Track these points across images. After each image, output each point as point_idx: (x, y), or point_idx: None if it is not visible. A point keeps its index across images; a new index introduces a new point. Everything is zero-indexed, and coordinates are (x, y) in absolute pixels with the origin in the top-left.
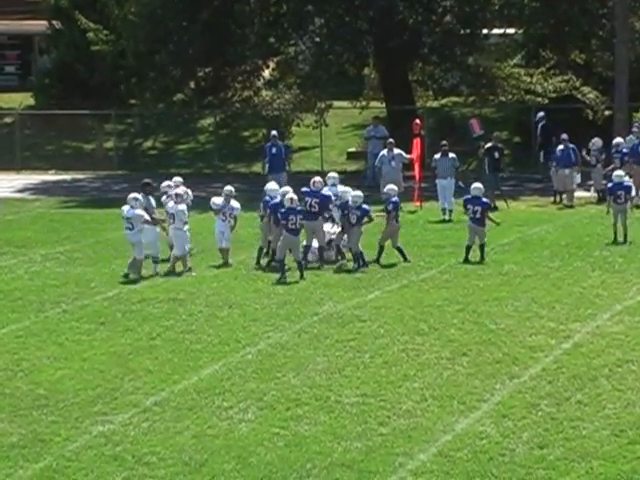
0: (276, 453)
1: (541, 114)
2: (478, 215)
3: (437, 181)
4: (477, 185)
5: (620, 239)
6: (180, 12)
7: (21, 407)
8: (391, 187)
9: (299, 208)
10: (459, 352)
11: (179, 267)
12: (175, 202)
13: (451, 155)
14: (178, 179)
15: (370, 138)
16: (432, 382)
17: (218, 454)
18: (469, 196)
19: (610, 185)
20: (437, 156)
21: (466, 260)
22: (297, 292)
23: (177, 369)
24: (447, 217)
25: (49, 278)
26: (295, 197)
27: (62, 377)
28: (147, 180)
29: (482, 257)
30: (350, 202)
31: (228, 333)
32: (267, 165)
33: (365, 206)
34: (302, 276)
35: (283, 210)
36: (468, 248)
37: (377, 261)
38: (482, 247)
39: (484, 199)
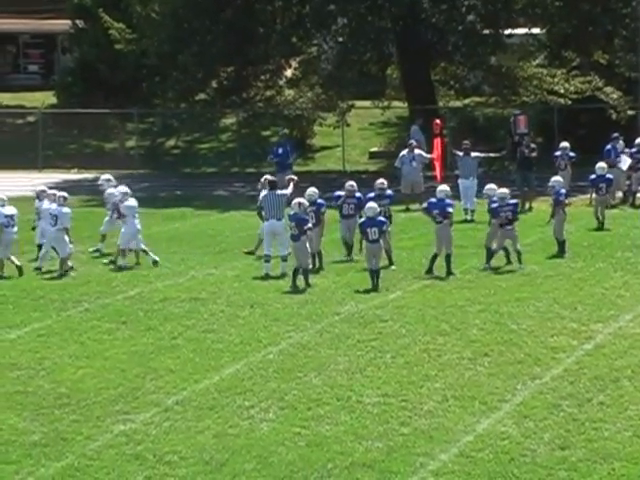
0: (297, 453)
1: None
2: None
3: (459, 181)
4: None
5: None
6: (203, 12)
7: (43, 406)
8: (380, 181)
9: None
10: (481, 352)
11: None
12: (58, 204)
13: (473, 154)
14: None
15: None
16: (453, 382)
17: (239, 453)
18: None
19: (592, 177)
20: (459, 154)
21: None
22: (318, 292)
23: (198, 368)
24: (469, 217)
25: (70, 277)
26: (305, 202)
27: (84, 376)
28: (270, 177)
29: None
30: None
31: (249, 333)
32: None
33: (513, 201)
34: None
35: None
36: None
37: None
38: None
39: None
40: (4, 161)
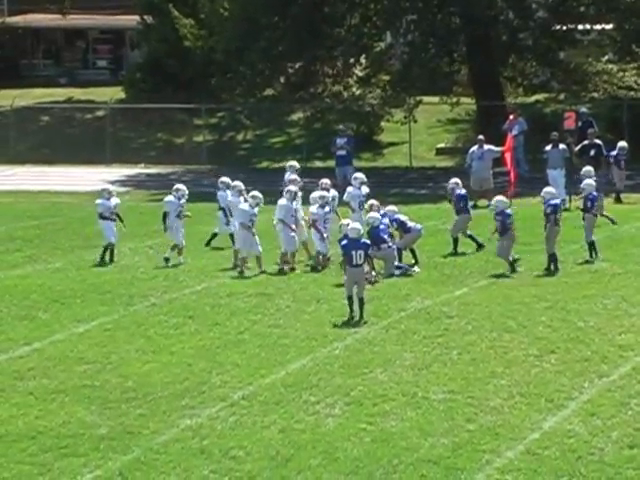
0: (363, 448)
1: None
2: None
3: (548, 171)
4: None
5: None
6: (271, 8)
7: (110, 400)
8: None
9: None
10: (547, 350)
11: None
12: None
13: (561, 146)
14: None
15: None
16: (520, 379)
17: (305, 449)
18: None
19: None
20: (548, 147)
21: None
22: (385, 288)
23: (264, 363)
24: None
25: (138, 272)
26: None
27: (150, 370)
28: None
29: None
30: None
31: (315, 328)
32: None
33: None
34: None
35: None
36: None
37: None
38: None
39: None
40: (73, 156)
